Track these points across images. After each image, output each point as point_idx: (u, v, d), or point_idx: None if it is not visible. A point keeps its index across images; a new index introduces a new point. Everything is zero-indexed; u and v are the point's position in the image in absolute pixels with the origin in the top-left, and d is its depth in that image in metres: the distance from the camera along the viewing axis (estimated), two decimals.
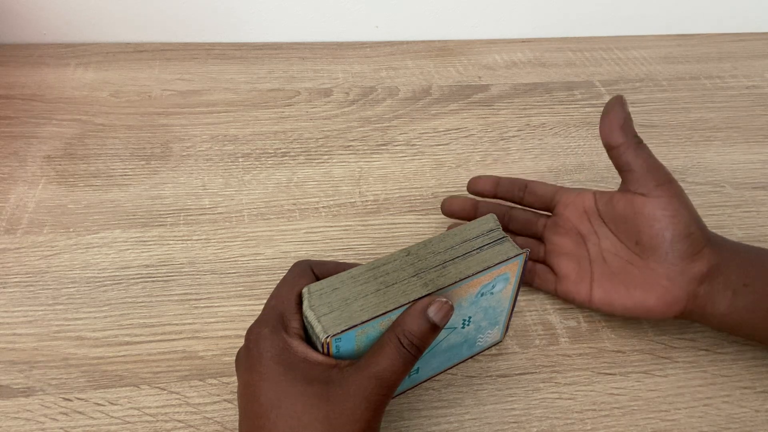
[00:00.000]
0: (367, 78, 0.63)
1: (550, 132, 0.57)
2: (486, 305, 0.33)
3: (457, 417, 0.35)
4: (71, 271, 0.41)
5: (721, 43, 0.73)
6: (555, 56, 0.68)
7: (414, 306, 0.28)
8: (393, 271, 0.30)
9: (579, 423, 0.35)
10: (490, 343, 0.37)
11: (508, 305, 0.35)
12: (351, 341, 0.28)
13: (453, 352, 0.35)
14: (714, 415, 0.36)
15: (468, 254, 0.31)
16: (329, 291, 0.29)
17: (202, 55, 0.64)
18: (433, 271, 0.30)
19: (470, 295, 0.31)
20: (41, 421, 0.33)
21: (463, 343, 0.35)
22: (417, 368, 0.34)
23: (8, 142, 0.51)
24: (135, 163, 0.50)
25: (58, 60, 0.61)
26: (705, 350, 0.39)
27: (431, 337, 0.28)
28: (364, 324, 0.28)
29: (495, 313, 0.35)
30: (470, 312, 0.33)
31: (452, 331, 0.33)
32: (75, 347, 0.37)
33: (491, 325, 0.35)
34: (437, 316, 0.28)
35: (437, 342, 0.32)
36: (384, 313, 0.28)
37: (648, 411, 0.35)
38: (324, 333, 0.27)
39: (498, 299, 0.33)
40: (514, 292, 0.34)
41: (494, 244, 0.32)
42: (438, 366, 0.35)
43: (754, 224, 0.48)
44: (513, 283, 0.33)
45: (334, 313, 0.28)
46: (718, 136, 0.58)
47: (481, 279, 0.31)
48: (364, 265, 0.30)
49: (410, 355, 0.27)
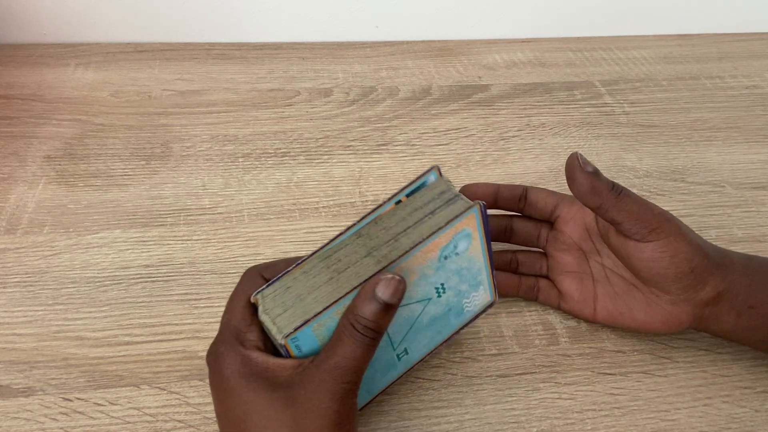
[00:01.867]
0: (367, 78, 0.63)
1: (550, 132, 0.57)
2: (456, 268, 0.31)
3: (457, 417, 0.35)
4: (71, 271, 0.41)
5: (721, 43, 0.73)
6: (555, 56, 0.68)
7: (363, 288, 0.27)
8: (345, 256, 0.29)
9: (579, 423, 0.35)
10: (482, 306, 0.35)
11: (483, 262, 0.33)
12: (310, 337, 0.27)
13: (440, 323, 0.33)
14: (714, 415, 0.36)
15: (420, 222, 0.29)
16: (282, 291, 0.28)
17: (202, 55, 0.64)
18: (385, 247, 0.28)
19: (431, 261, 0.30)
20: (41, 421, 0.33)
21: (448, 312, 0.33)
22: (404, 348, 0.33)
23: (8, 142, 0.51)
24: (135, 163, 0.50)
25: (58, 60, 0.61)
26: (705, 350, 0.39)
27: (386, 317, 0.27)
28: (317, 316, 0.27)
29: (472, 274, 0.33)
30: (440, 278, 0.31)
31: (428, 303, 0.32)
32: (75, 347, 0.37)
33: (473, 287, 0.34)
34: (386, 294, 0.27)
35: (414, 317, 0.31)
36: (337, 300, 0.27)
37: (648, 411, 0.36)
38: (279, 334, 0.27)
39: (468, 259, 0.32)
40: (484, 247, 0.32)
41: (445, 206, 0.30)
42: (429, 342, 0.34)
43: (754, 224, 0.48)
44: (479, 239, 0.31)
45: (288, 311, 0.27)
46: (718, 136, 0.58)
47: (438, 242, 0.29)
48: (315, 256, 0.29)
49: (367, 339, 0.27)
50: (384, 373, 0.33)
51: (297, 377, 0.27)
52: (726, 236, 0.47)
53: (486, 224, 0.31)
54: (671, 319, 0.35)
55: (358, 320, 0.27)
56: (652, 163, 0.54)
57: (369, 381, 0.32)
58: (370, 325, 0.27)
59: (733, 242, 0.47)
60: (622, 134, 0.57)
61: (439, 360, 0.38)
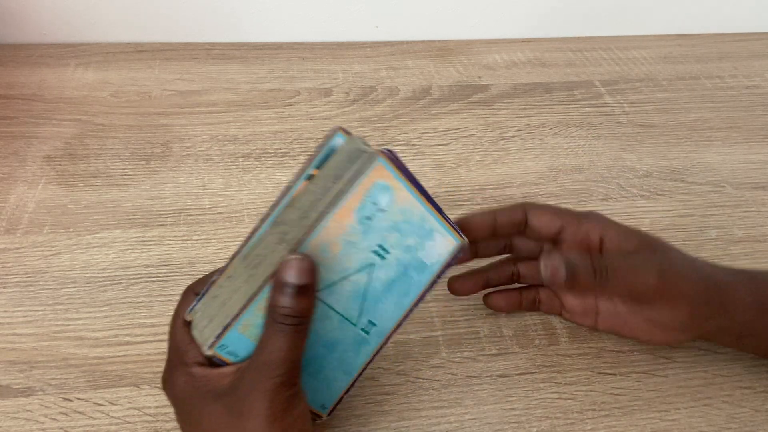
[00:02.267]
0: (367, 78, 0.63)
1: (550, 132, 0.57)
2: (389, 224, 0.29)
3: (457, 417, 0.35)
4: (71, 271, 0.41)
5: (721, 43, 0.73)
6: (555, 56, 0.68)
7: (274, 278, 0.26)
8: (263, 249, 0.27)
9: (579, 423, 0.35)
10: (449, 254, 0.32)
11: (423, 209, 0.30)
12: (241, 340, 0.27)
13: (401, 285, 0.31)
14: (714, 415, 0.36)
15: (328, 191, 0.27)
16: (210, 301, 0.28)
17: (202, 55, 0.64)
18: (296, 229, 0.27)
19: (351, 227, 0.27)
20: (41, 421, 0.33)
21: (406, 271, 0.31)
22: (368, 321, 0.31)
23: (8, 142, 0.51)
24: (135, 163, 0.50)
25: (58, 60, 0.61)
26: (705, 350, 0.39)
27: (303, 299, 0.26)
28: (237, 318, 0.26)
29: (413, 225, 0.30)
30: (373, 240, 0.29)
31: (373, 269, 0.29)
32: (75, 347, 0.37)
33: (424, 238, 0.31)
34: (293, 277, 0.25)
35: (362, 287, 0.30)
36: (253, 296, 0.26)
37: (648, 411, 0.36)
38: (204, 346, 0.26)
39: (401, 211, 0.29)
40: (416, 193, 0.29)
41: (351, 167, 0.28)
42: (397, 306, 0.32)
43: (754, 224, 0.48)
44: (404, 188, 0.29)
45: (213, 321, 0.27)
46: (718, 136, 0.58)
47: (348, 205, 0.27)
48: (237, 258, 0.28)
49: (291, 327, 0.26)
50: (356, 351, 0.31)
51: (235, 382, 0.26)
52: (726, 236, 0.47)
53: (405, 170, 0.28)
54: (672, 339, 0.35)
55: (276, 311, 0.26)
56: (652, 163, 0.54)
57: (339, 363, 0.31)
58: (289, 312, 0.26)
59: (733, 242, 0.47)
60: (622, 134, 0.57)
61: (439, 360, 0.38)
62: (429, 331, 0.39)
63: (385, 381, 0.36)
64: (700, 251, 0.46)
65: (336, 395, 0.32)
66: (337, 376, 0.31)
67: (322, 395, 0.31)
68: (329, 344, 0.30)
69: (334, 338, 0.30)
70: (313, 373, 0.30)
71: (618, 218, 0.36)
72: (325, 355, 0.30)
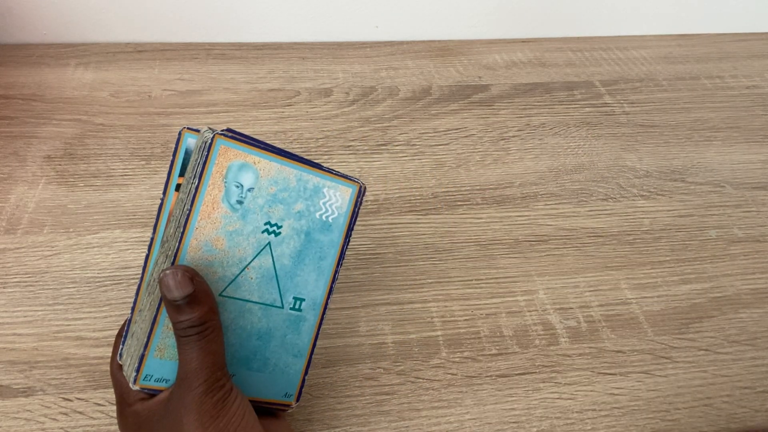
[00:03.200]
0: (367, 78, 0.63)
1: (550, 132, 0.57)
2: (267, 199, 0.28)
3: (457, 417, 0.35)
4: (71, 271, 0.41)
5: (721, 43, 0.73)
6: (555, 56, 0.68)
7: (162, 297, 0.26)
8: (157, 272, 0.27)
9: (579, 423, 0.35)
10: (351, 200, 0.31)
11: (294, 171, 0.29)
12: (163, 365, 0.27)
13: (312, 251, 0.30)
14: (714, 415, 0.36)
15: (189, 193, 0.27)
16: (130, 341, 0.28)
17: (202, 55, 0.64)
18: (173, 241, 0.26)
19: (226, 217, 0.27)
20: (41, 421, 0.33)
21: (310, 236, 0.30)
22: (293, 298, 0.30)
23: (8, 142, 0.51)
24: (135, 163, 0.50)
25: (58, 60, 0.61)
26: (705, 350, 0.39)
27: (197, 308, 0.26)
28: (149, 347, 0.26)
29: (295, 190, 0.29)
30: (258, 221, 0.28)
31: (272, 246, 0.29)
32: (75, 347, 0.37)
33: (313, 198, 0.30)
34: (175, 291, 0.25)
35: (270, 269, 0.29)
36: (155, 321, 0.26)
37: (648, 411, 0.36)
38: (130, 383, 0.27)
39: (273, 182, 0.28)
40: (278, 159, 0.28)
41: (200, 162, 0.27)
42: (319, 273, 0.31)
43: (754, 224, 0.48)
44: (262, 158, 0.28)
45: (132, 358, 0.27)
46: (718, 136, 0.58)
47: (210, 198, 0.26)
48: (142, 291, 0.28)
49: (196, 337, 0.26)
50: (296, 331, 0.31)
51: (168, 405, 0.27)
52: (726, 236, 0.47)
53: (255, 142, 0.27)
54: None
55: (177, 327, 0.26)
56: (652, 163, 0.54)
57: (283, 349, 0.31)
58: (188, 324, 0.26)
59: (733, 242, 0.47)
60: (622, 134, 0.57)
61: (439, 360, 0.38)
62: (429, 331, 0.39)
63: (385, 381, 0.36)
64: (700, 251, 0.46)
65: (296, 380, 0.31)
66: (288, 362, 0.31)
67: (281, 385, 0.31)
68: (263, 335, 0.30)
69: (265, 328, 0.30)
70: (259, 368, 0.30)
71: (618, 218, 0.36)
72: (263, 347, 0.30)
